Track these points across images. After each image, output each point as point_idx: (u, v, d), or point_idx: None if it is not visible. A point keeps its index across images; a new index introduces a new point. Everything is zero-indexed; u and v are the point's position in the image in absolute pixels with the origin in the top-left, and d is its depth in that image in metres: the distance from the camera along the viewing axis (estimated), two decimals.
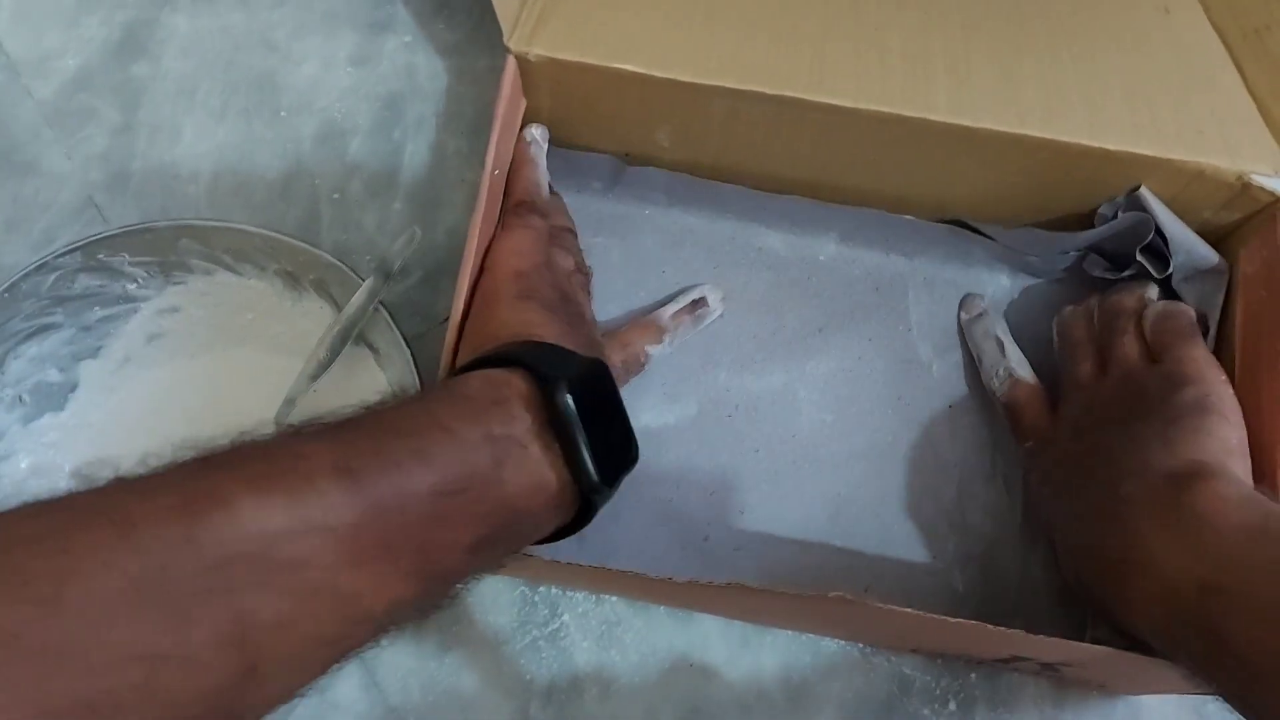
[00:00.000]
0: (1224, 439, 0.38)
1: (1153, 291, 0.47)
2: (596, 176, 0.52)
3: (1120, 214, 0.47)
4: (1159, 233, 0.46)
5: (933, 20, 0.48)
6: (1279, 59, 0.47)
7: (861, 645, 0.46)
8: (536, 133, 0.48)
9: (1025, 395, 0.47)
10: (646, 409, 0.49)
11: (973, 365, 0.50)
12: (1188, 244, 0.46)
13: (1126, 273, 0.49)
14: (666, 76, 0.45)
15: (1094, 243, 0.49)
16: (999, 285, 0.52)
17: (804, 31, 0.47)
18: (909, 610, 0.36)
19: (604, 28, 0.46)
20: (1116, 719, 0.46)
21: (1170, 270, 0.47)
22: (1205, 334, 0.46)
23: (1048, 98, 0.46)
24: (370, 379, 0.47)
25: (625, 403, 0.37)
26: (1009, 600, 0.46)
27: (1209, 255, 0.47)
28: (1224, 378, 0.41)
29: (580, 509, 0.34)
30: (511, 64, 0.45)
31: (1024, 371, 0.48)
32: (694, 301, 0.49)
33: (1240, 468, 0.38)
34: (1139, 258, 0.48)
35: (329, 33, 0.57)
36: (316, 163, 0.54)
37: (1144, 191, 0.46)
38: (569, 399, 0.32)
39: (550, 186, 0.49)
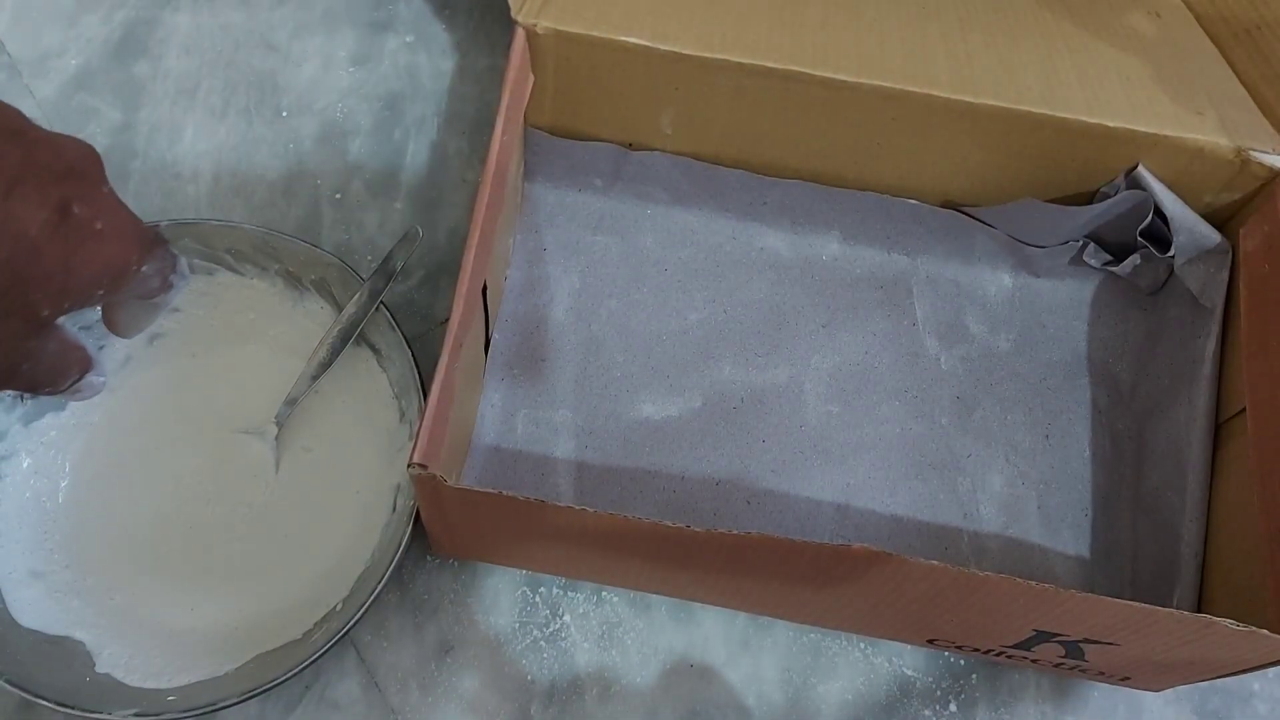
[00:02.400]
0: None
1: None
2: (597, 172, 0.52)
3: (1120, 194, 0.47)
4: (1159, 214, 0.46)
5: (929, 15, 0.49)
6: (1270, 53, 0.47)
7: (863, 646, 0.46)
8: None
9: None
10: (649, 401, 0.49)
11: (981, 358, 0.50)
12: (1189, 223, 0.46)
13: (1127, 263, 0.49)
14: (673, 50, 0.45)
15: (1094, 225, 0.49)
16: (1000, 285, 0.52)
17: (806, 18, 0.48)
18: (938, 563, 0.34)
19: (611, 5, 0.46)
20: (1118, 719, 0.46)
21: (1172, 253, 0.47)
22: (1209, 317, 0.46)
23: (1046, 79, 0.46)
24: (371, 379, 0.47)
25: (626, 394, 0.46)
26: None
27: (1210, 235, 0.47)
28: None
29: None
30: (520, 37, 0.45)
31: None
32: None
33: None
34: (1140, 240, 0.47)
35: (330, 32, 0.57)
36: (317, 163, 0.54)
37: (1142, 170, 0.46)
38: None
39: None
